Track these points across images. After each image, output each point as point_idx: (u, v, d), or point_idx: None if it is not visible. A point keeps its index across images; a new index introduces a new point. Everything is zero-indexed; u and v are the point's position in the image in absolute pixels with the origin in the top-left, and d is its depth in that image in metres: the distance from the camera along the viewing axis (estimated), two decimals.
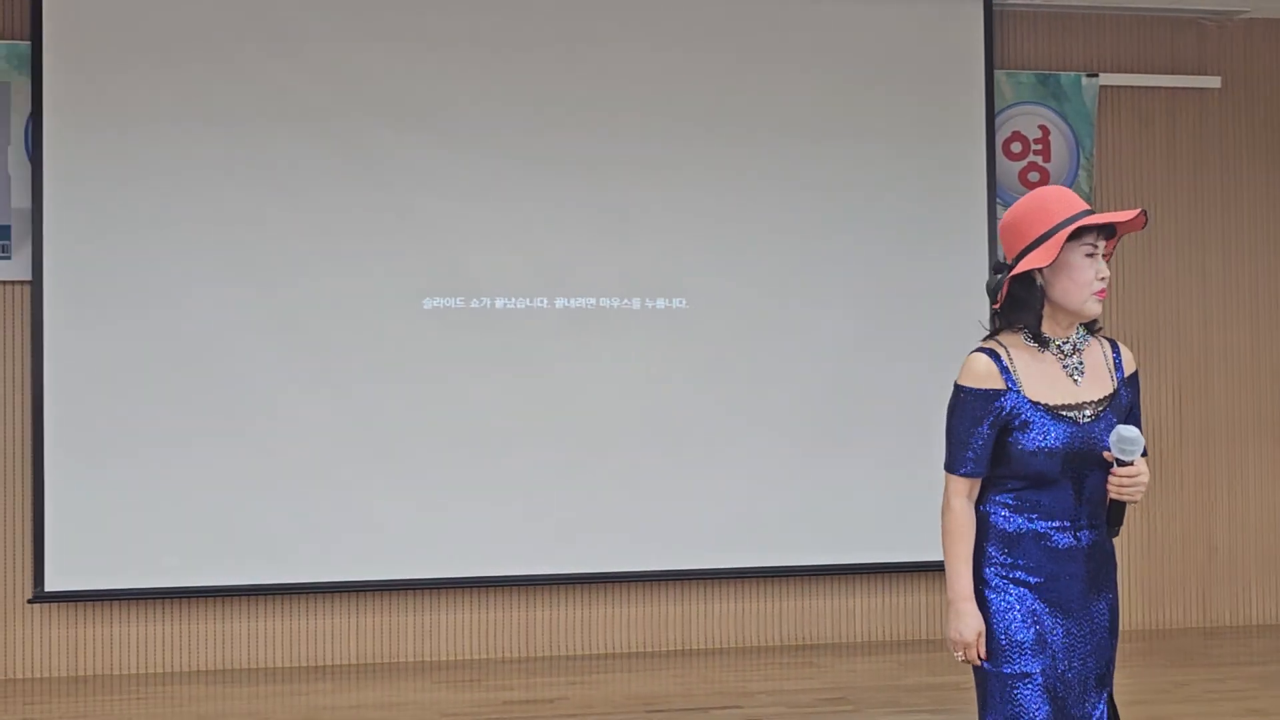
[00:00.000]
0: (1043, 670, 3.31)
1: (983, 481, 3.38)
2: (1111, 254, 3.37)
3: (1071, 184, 7.98)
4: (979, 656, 3.34)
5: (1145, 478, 3.25)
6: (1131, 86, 8.19)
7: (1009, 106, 7.98)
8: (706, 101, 7.58)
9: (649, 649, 7.61)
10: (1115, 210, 3.28)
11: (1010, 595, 3.32)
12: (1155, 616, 8.12)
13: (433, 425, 7.31)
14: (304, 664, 7.31)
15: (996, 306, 3.37)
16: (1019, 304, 3.33)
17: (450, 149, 7.36)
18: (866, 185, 7.69)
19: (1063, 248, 3.25)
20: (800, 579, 7.74)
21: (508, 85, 7.42)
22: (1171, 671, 7.05)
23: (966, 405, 3.30)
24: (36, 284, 7.01)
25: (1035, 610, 3.32)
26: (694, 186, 7.56)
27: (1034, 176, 7.97)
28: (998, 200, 7.86)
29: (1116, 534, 3.36)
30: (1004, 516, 3.34)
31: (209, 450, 7.12)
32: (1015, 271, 3.28)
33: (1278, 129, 8.34)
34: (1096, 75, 8.05)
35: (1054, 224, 3.25)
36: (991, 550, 3.34)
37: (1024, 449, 3.27)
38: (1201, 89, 8.23)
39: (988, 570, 3.35)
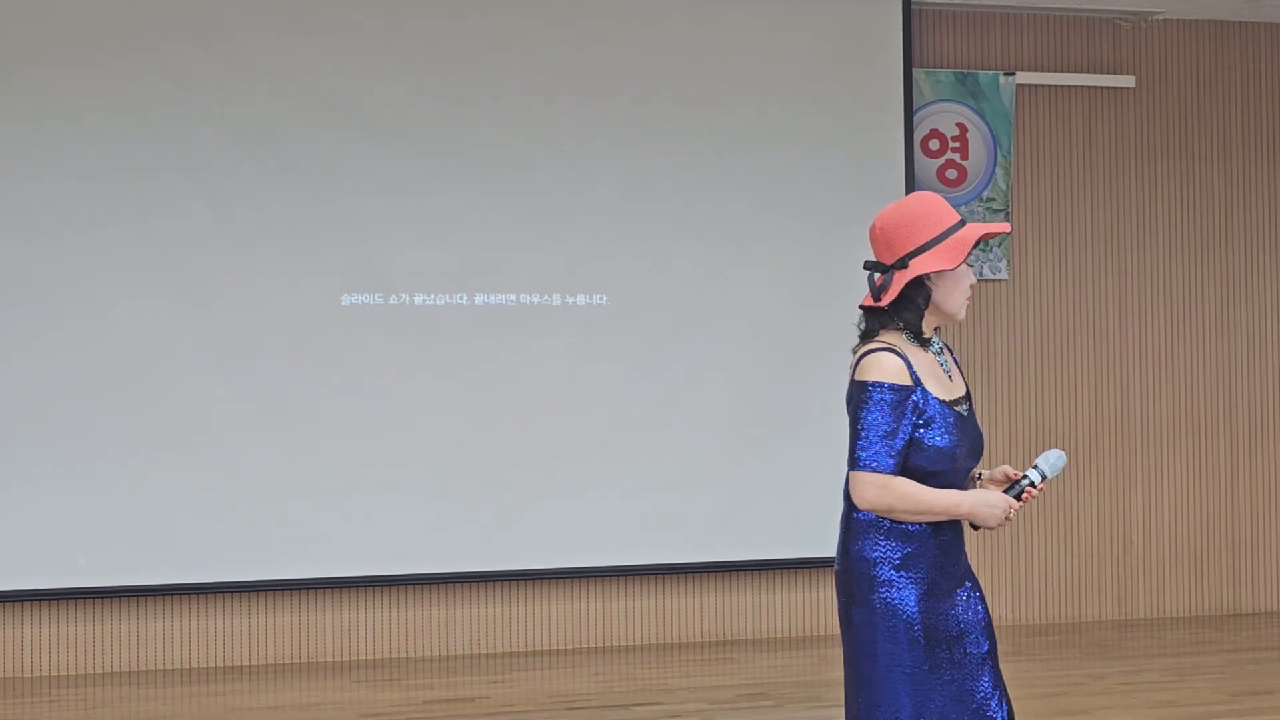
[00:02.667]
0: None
1: None
2: None
3: (989, 182, 8.05)
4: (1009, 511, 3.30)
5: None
6: (1048, 85, 8.27)
7: (927, 104, 8.03)
8: (625, 99, 7.57)
9: (570, 646, 7.60)
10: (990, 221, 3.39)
11: (907, 593, 3.28)
12: (1071, 610, 8.20)
13: (351, 423, 7.25)
14: (220, 664, 7.23)
15: (881, 303, 3.37)
16: (907, 303, 3.38)
17: (369, 145, 7.31)
18: (786, 182, 7.71)
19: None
20: (721, 575, 7.76)
21: (427, 81, 7.37)
22: (1087, 664, 7.12)
23: (887, 402, 3.28)
24: None
25: (929, 609, 3.29)
26: (614, 183, 7.55)
27: (951, 174, 8.03)
28: None
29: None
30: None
31: (123, 449, 7.03)
32: (918, 272, 3.31)
33: (1192, 127, 8.46)
34: (1014, 74, 8.13)
35: (944, 228, 3.32)
36: (888, 550, 3.30)
37: (934, 445, 3.28)
38: (1117, 88, 8.32)
39: (887, 571, 3.29)
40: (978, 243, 3.34)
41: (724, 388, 7.62)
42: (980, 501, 3.28)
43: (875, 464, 3.26)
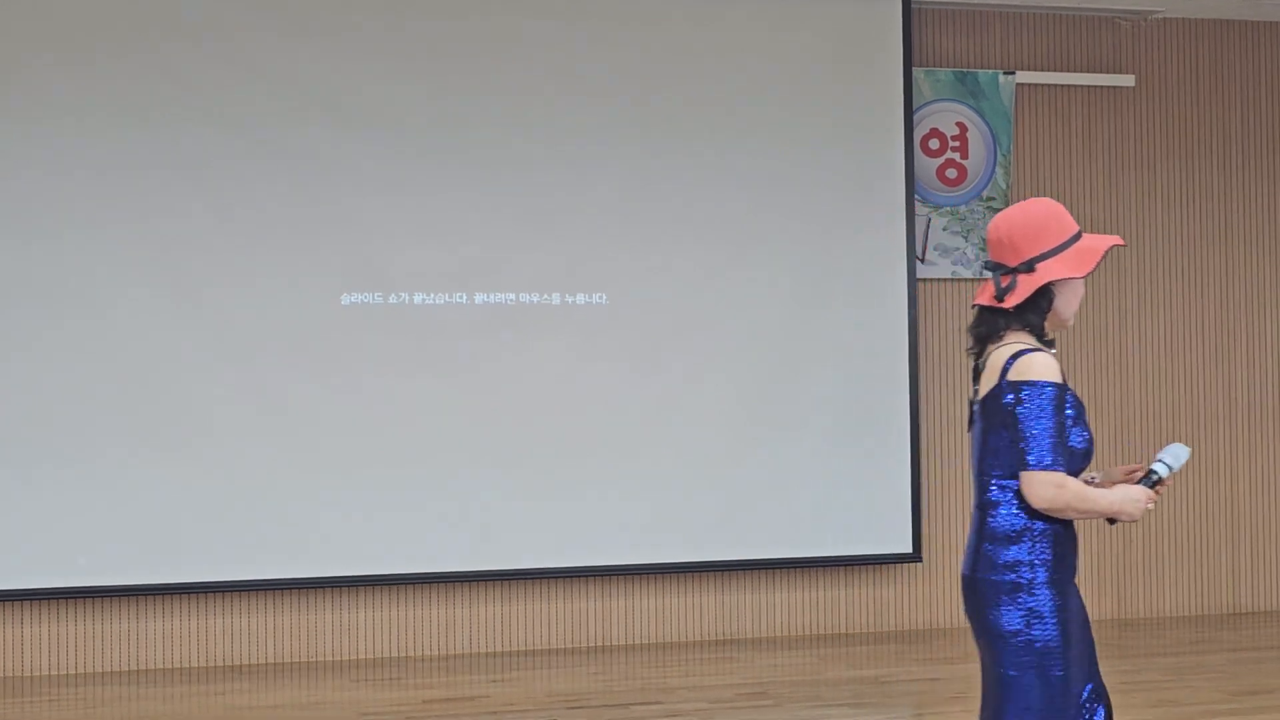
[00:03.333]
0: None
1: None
2: None
3: (989, 181, 8.05)
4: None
5: None
6: (1048, 84, 8.27)
7: (927, 104, 8.03)
8: (625, 99, 7.57)
9: (570, 645, 7.59)
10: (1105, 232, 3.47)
11: (1057, 593, 3.35)
12: None
13: (351, 422, 7.25)
14: (220, 664, 7.23)
15: (1005, 304, 3.38)
16: (1034, 307, 3.41)
17: (369, 145, 7.30)
18: (786, 181, 7.71)
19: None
20: (721, 574, 7.75)
21: (427, 81, 7.37)
22: None
23: (1053, 401, 3.30)
24: None
25: (1072, 611, 3.38)
26: (614, 183, 7.54)
27: (951, 173, 8.03)
28: (916, 196, 7.90)
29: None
30: (1052, 519, 3.37)
31: (123, 449, 7.02)
32: (1047, 278, 3.35)
33: (1191, 126, 8.45)
34: (1014, 73, 8.12)
35: (1069, 235, 3.39)
36: (1042, 553, 3.36)
37: (1078, 446, 3.35)
38: (1116, 87, 8.32)
39: (1040, 573, 3.35)
40: (1105, 255, 3.41)
41: (724, 387, 7.62)
42: (1127, 498, 3.36)
43: (1049, 463, 3.28)
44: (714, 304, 7.62)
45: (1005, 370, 3.34)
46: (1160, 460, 3.42)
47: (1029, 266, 3.37)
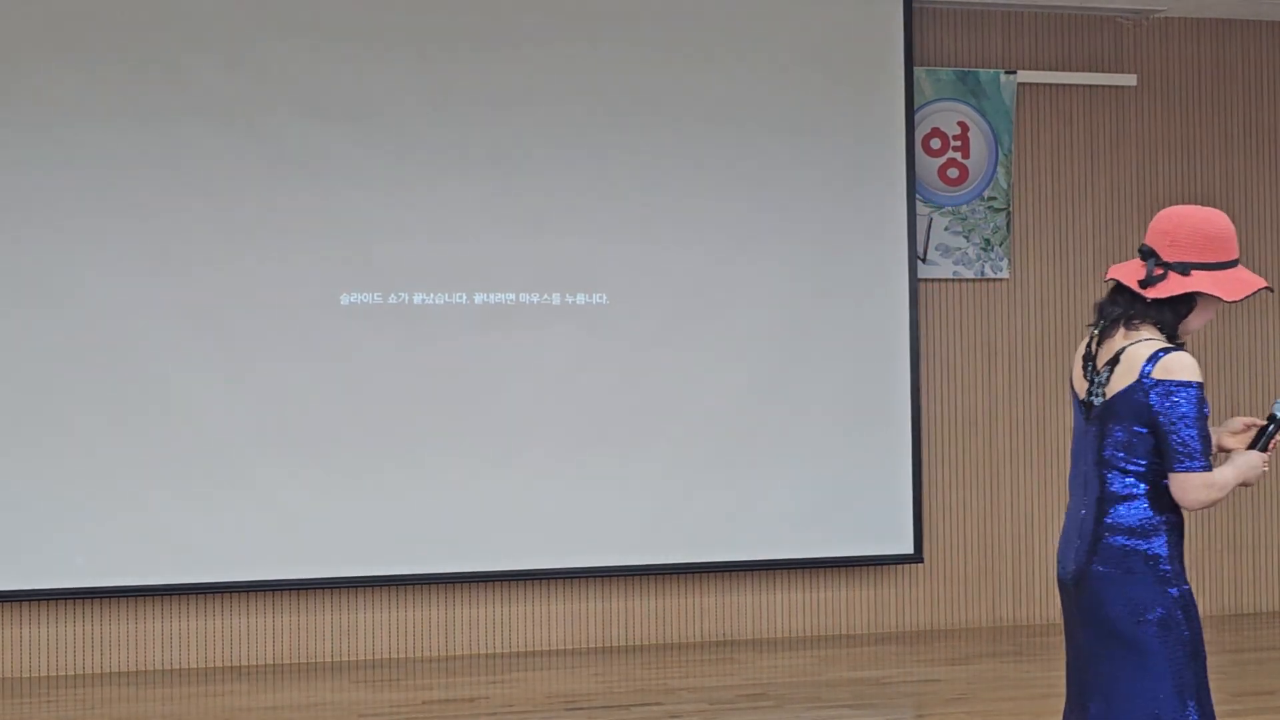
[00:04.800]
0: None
1: (1157, 484, 3.45)
2: None
3: (990, 181, 8.03)
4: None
5: None
6: (1049, 84, 8.25)
7: (928, 103, 8.01)
8: (626, 97, 7.56)
9: (570, 646, 7.58)
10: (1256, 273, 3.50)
11: (1185, 583, 3.53)
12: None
13: (350, 422, 7.24)
14: (220, 664, 7.22)
15: (1149, 294, 3.39)
16: (1173, 308, 3.42)
17: (368, 144, 7.29)
18: (787, 181, 7.70)
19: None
20: (721, 575, 7.75)
21: (427, 80, 7.36)
22: None
23: (1200, 401, 3.33)
24: None
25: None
26: (614, 182, 7.53)
27: (953, 173, 8.01)
28: (917, 196, 7.89)
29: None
30: (1181, 513, 3.50)
31: (122, 448, 7.01)
32: (1200, 288, 3.36)
33: (1193, 126, 8.44)
34: (1015, 72, 8.11)
35: (1231, 257, 3.42)
36: (1175, 547, 3.51)
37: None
38: (1118, 86, 8.31)
39: (1175, 565, 3.52)
40: (1253, 294, 3.47)
41: (724, 387, 7.60)
42: (1247, 466, 3.47)
43: (1203, 465, 3.36)
44: (714, 304, 7.61)
45: (1147, 368, 3.34)
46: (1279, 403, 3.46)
47: (1185, 269, 3.37)
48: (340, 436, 7.23)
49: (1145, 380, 3.33)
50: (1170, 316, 3.41)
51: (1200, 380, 3.33)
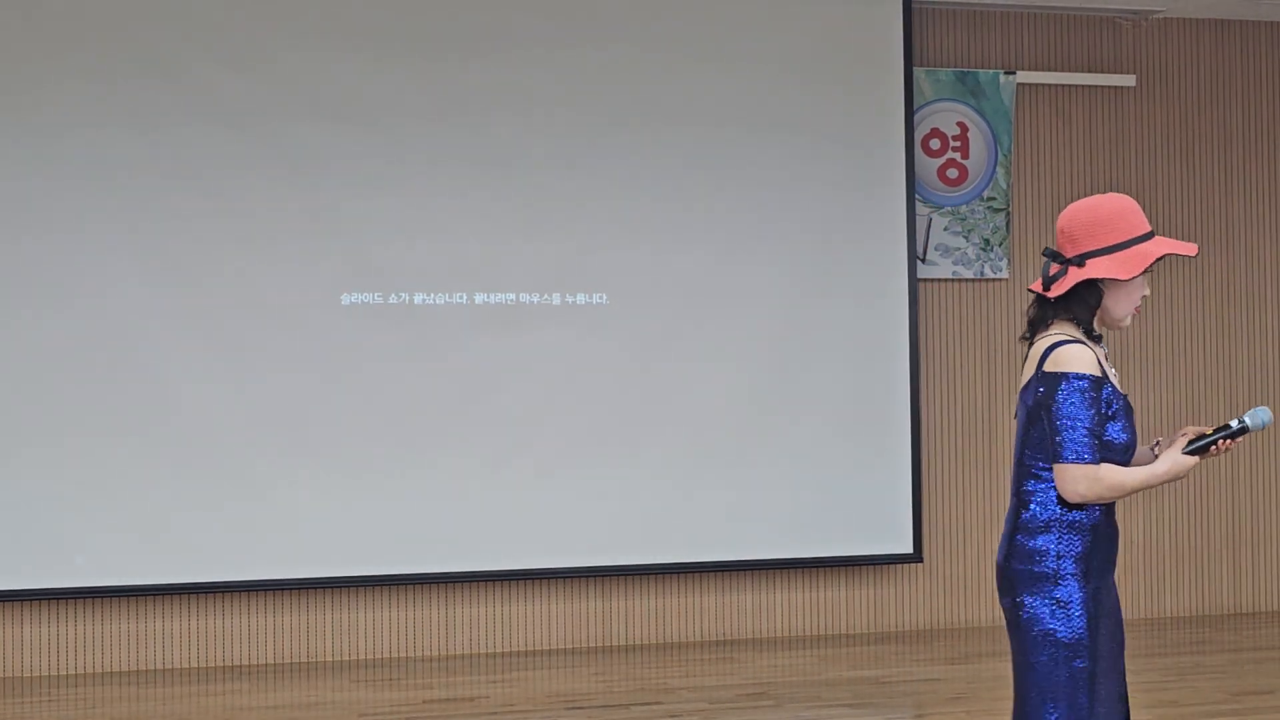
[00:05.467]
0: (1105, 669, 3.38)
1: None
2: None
3: (989, 181, 8.04)
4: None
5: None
6: (1049, 84, 8.26)
7: (928, 104, 8.02)
8: (626, 97, 7.56)
9: (570, 646, 7.59)
10: (1176, 239, 3.39)
11: (1084, 585, 3.35)
12: None
13: (351, 422, 7.24)
14: (220, 664, 7.22)
15: (1050, 295, 3.38)
16: (1079, 300, 3.38)
17: (369, 144, 7.30)
18: (787, 181, 7.70)
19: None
20: (721, 574, 7.75)
21: (427, 80, 7.36)
22: None
23: (1087, 393, 3.28)
24: None
25: (1104, 605, 3.37)
26: (614, 182, 7.54)
27: (952, 173, 8.02)
28: (917, 196, 7.90)
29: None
30: (1088, 511, 3.36)
31: (123, 448, 7.02)
32: (1093, 274, 3.33)
33: (1192, 126, 8.45)
34: (1014, 73, 8.12)
35: (1130, 236, 3.34)
36: (1070, 545, 3.35)
37: (1118, 440, 3.33)
38: (1117, 87, 8.32)
39: (1066, 564, 3.34)
40: (1156, 261, 3.35)
41: (724, 387, 7.61)
42: (1170, 468, 3.33)
43: (1085, 456, 3.28)
44: (714, 304, 7.62)
45: (1041, 361, 3.35)
46: (1241, 420, 3.37)
47: (1080, 260, 3.35)
48: (341, 436, 7.23)
49: (1039, 374, 3.34)
50: (1082, 310, 3.38)
51: (1091, 373, 3.28)
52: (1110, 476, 3.29)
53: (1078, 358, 3.30)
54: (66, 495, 6.96)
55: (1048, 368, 3.32)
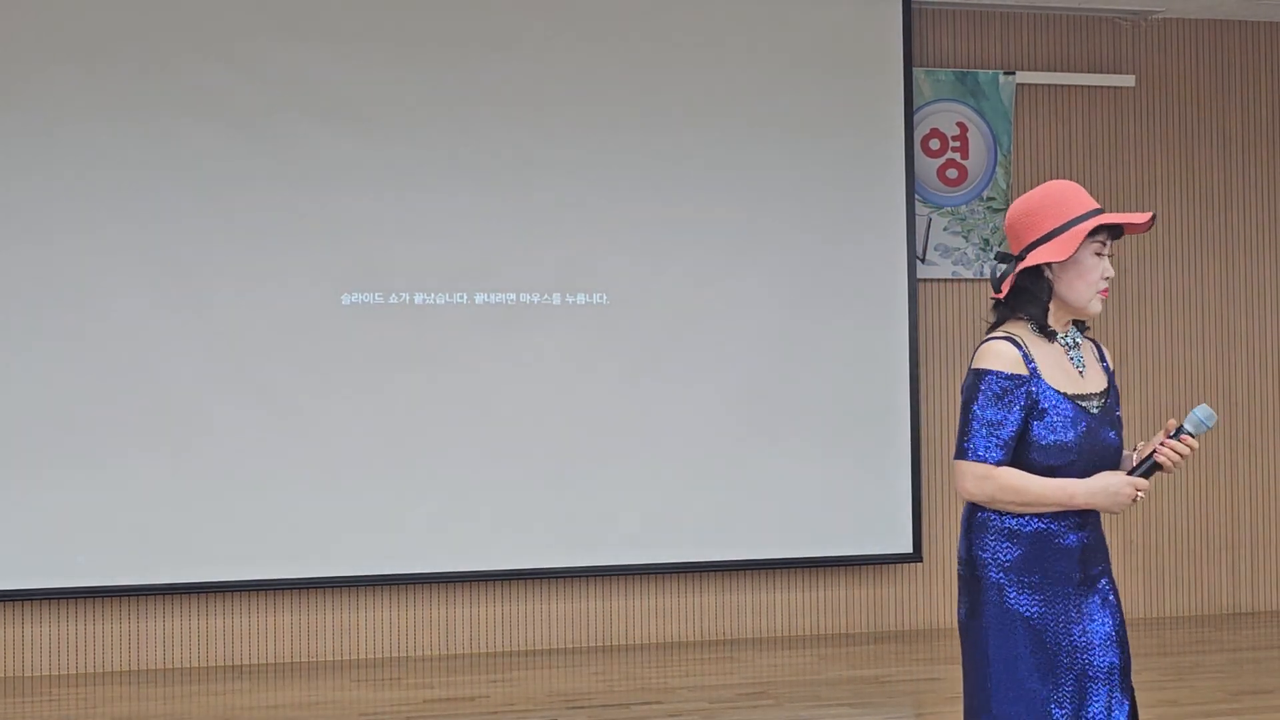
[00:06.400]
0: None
1: None
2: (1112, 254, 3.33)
3: (989, 181, 8.05)
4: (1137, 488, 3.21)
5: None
6: (1048, 84, 8.27)
7: (927, 104, 8.02)
8: (626, 97, 7.57)
9: (570, 646, 7.59)
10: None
11: (1021, 598, 3.22)
12: None
13: (351, 422, 7.24)
14: (220, 664, 7.22)
15: (1000, 296, 3.31)
16: (1026, 296, 3.28)
17: (369, 144, 7.30)
18: (787, 182, 7.71)
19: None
20: (721, 574, 7.75)
21: (427, 81, 7.37)
22: None
23: (997, 390, 3.19)
24: None
25: (1046, 615, 3.23)
26: (614, 181, 7.54)
27: (952, 174, 8.03)
28: (917, 196, 7.90)
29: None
30: (1024, 520, 3.23)
31: (122, 448, 7.02)
32: (1026, 264, 3.24)
33: (1191, 127, 8.45)
34: (1014, 73, 8.12)
35: (1068, 219, 3.22)
36: (998, 552, 3.24)
37: (1049, 440, 3.21)
38: (1117, 87, 8.32)
39: (996, 574, 3.23)
40: (1093, 231, 3.21)
41: (724, 387, 7.61)
42: (1098, 489, 3.19)
43: (978, 454, 3.20)
44: (714, 304, 7.62)
45: (971, 359, 3.30)
46: (1182, 426, 3.25)
47: (1022, 254, 3.26)
48: (341, 436, 7.23)
49: (968, 370, 3.29)
50: (1032, 306, 3.27)
51: (1007, 370, 3.18)
52: (1005, 479, 3.18)
53: (996, 354, 3.21)
54: (66, 495, 6.95)
55: (972, 364, 3.26)
